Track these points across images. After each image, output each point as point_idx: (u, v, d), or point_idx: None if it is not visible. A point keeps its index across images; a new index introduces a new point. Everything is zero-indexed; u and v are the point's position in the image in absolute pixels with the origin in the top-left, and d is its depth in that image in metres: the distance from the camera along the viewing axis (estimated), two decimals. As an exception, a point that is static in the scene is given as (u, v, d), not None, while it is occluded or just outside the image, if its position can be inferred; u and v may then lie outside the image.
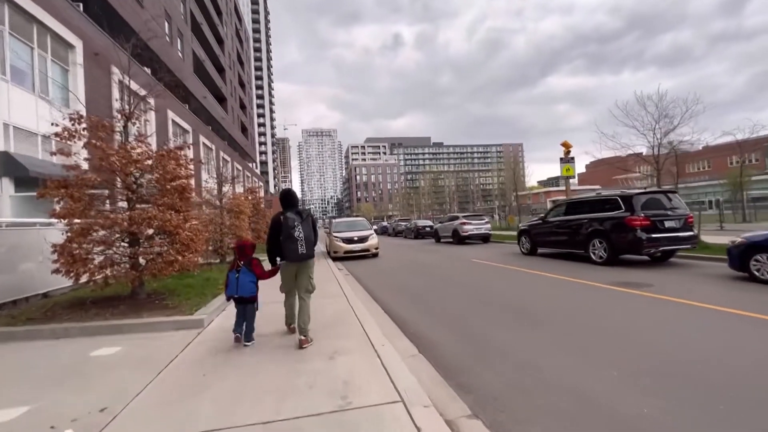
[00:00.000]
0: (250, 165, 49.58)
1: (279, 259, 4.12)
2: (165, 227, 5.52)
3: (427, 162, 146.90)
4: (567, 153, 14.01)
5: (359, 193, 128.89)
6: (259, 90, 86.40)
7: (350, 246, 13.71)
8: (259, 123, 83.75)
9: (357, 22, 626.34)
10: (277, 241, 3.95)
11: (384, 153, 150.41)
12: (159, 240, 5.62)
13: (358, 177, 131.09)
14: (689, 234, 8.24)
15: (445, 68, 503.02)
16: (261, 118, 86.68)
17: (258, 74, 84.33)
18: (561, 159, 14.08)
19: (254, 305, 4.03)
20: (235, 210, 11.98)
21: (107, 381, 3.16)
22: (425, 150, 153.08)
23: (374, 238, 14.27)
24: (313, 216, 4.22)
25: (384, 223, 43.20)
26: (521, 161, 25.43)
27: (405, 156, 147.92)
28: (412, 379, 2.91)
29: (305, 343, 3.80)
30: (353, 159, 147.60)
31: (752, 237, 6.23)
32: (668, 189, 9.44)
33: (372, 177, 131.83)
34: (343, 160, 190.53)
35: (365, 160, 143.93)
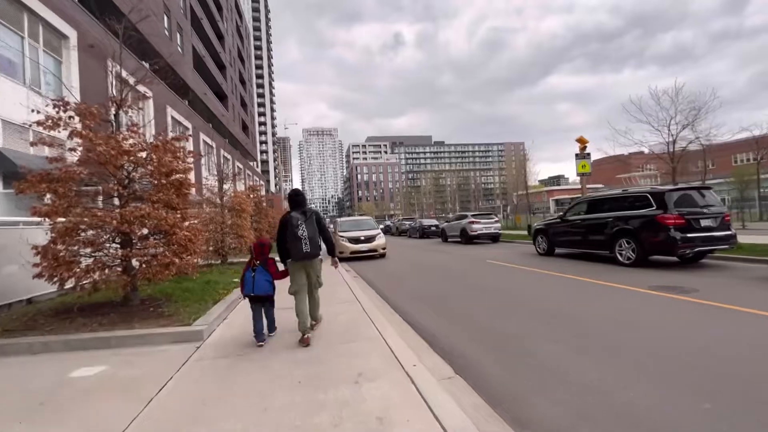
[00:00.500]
0: (251, 164, 49.02)
1: (288, 259, 4.15)
2: (160, 226, 4.96)
3: (429, 161, 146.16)
4: (583, 149, 13.40)
5: (360, 192, 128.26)
6: (260, 88, 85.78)
7: (357, 246, 13.15)
8: (260, 122, 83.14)
9: (357, 21, 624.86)
10: (285, 241, 4.04)
11: (385, 152, 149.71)
12: (153, 240, 5.05)
13: (359, 176, 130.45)
14: (726, 233, 7.64)
15: (446, 67, 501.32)
16: (262, 117, 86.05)
17: (259, 72, 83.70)
18: (576, 155, 13.47)
19: (271, 303, 4.11)
20: (237, 208, 11.42)
21: (84, 413, 2.59)
22: (426, 149, 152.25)
23: (381, 238, 13.71)
24: (319, 215, 4.22)
25: (387, 222, 42.63)
26: (530, 158, 24.39)
27: (406, 155, 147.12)
28: (461, 415, 2.34)
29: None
30: (354, 158, 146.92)
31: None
32: (702, 185, 8.84)
33: (373, 176, 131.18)
34: (344, 159, 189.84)
35: (366, 159, 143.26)
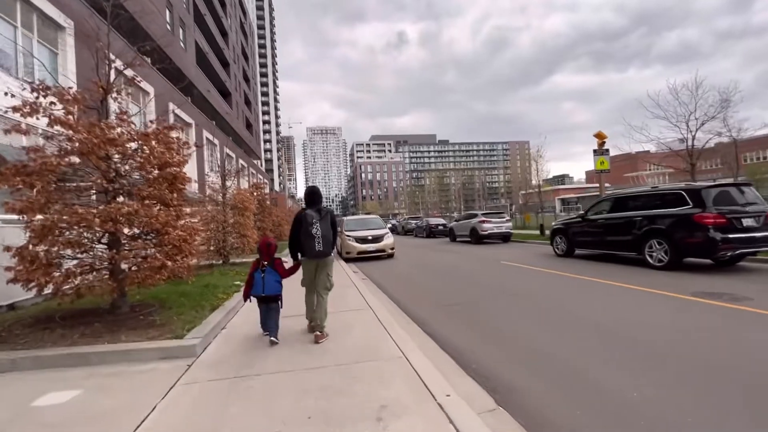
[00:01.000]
0: (256, 162, 48.63)
1: (300, 255, 4.20)
2: (151, 225, 4.43)
3: (433, 160, 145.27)
4: (602, 144, 12.75)
5: (364, 191, 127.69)
6: (264, 87, 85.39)
7: (364, 246, 12.59)
8: (264, 120, 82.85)
9: (361, 21, 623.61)
10: (298, 237, 4.06)
11: (389, 151, 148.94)
12: (142, 242, 4.52)
13: (363, 175, 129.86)
14: (770, 234, 7.00)
15: (450, 66, 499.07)
16: (266, 116, 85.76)
17: (263, 71, 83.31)
18: (594, 151, 12.82)
19: (278, 303, 4.07)
20: (240, 206, 10.90)
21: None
22: (430, 147, 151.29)
23: (390, 238, 13.13)
24: (333, 214, 4.25)
25: (393, 221, 42.06)
26: (542, 155, 23.41)
27: (410, 154, 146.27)
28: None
29: (321, 339, 3.92)
30: (358, 157, 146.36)
31: None
32: (741, 181, 8.18)
33: (377, 175, 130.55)
34: (348, 158, 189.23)
35: (370, 158, 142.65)
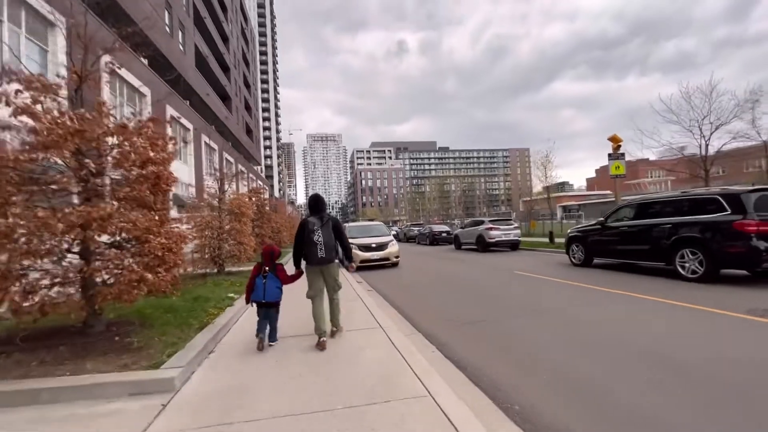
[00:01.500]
0: (256, 168, 48.15)
1: (305, 263, 4.16)
2: (129, 231, 3.81)
3: (433, 167, 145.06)
4: (617, 148, 12.19)
5: (364, 198, 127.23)
6: (265, 93, 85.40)
7: (368, 254, 11.94)
8: (265, 127, 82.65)
9: (362, 30, 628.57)
10: (302, 244, 4.06)
11: (389, 157, 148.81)
12: (118, 251, 3.88)
13: (363, 181, 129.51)
14: (817, 243, 6.38)
15: (450, 74, 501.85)
16: (266, 122, 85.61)
17: (264, 77, 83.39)
18: (609, 155, 12.26)
19: (277, 310, 4.05)
20: (236, 212, 10.28)
21: None
22: (431, 154, 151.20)
23: (395, 245, 12.48)
24: (337, 221, 4.25)
25: (394, 228, 41.41)
26: (551, 160, 22.59)
27: (410, 160, 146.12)
28: None
29: (336, 334, 4.17)
30: (358, 163, 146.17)
31: None
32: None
33: (377, 181, 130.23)
34: (348, 165, 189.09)
35: (370, 165, 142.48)
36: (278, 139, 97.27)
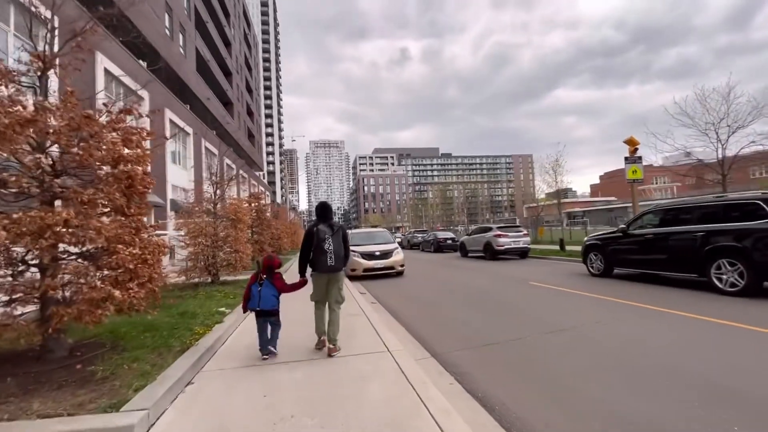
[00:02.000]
0: (258, 174, 47.78)
1: (310, 270, 4.10)
2: (93, 241, 3.23)
3: (436, 173, 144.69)
4: (634, 152, 11.59)
5: (367, 204, 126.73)
6: (268, 100, 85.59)
7: (371, 263, 11.31)
8: (267, 132, 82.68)
9: (364, 38, 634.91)
10: (309, 252, 4.02)
11: (392, 164, 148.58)
12: (74, 265, 3.29)
13: (366, 188, 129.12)
14: None
15: (452, 82, 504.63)
16: (269, 128, 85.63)
17: (267, 84, 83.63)
18: (626, 159, 11.65)
19: (277, 320, 3.94)
20: (233, 218, 9.73)
21: None
22: (433, 161, 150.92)
23: (400, 254, 11.84)
24: (345, 230, 4.21)
25: (397, 235, 40.77)
26: (562, 165, 21.58)
27: (413, 167, 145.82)
28: None
29: (334, 351, 3.85)
30: (361, 170, 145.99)
31: None
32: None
33: (380, 188, 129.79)
34: (351, 171, 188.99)
35: (373, 171, 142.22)
36: (281, 146, 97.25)
